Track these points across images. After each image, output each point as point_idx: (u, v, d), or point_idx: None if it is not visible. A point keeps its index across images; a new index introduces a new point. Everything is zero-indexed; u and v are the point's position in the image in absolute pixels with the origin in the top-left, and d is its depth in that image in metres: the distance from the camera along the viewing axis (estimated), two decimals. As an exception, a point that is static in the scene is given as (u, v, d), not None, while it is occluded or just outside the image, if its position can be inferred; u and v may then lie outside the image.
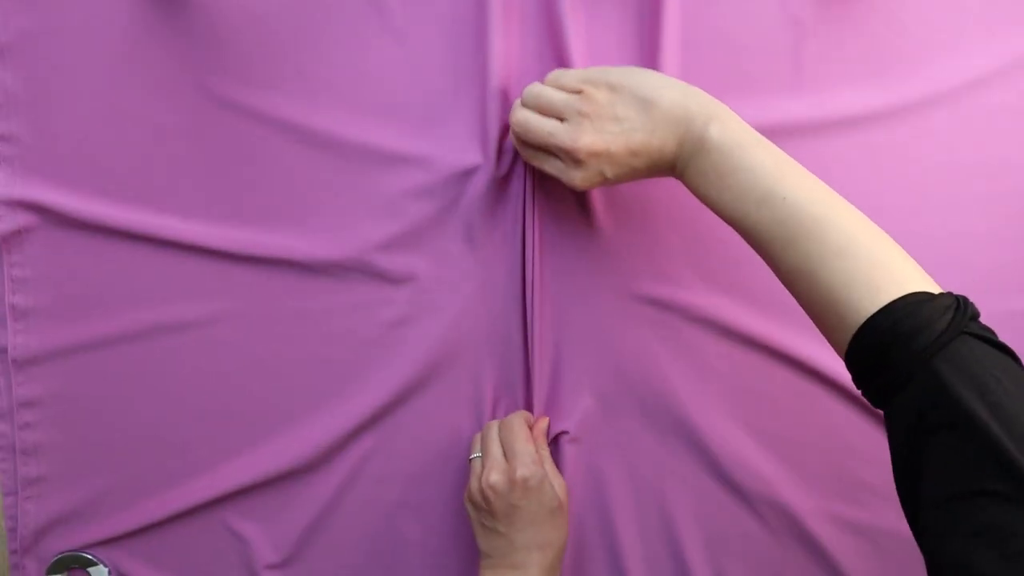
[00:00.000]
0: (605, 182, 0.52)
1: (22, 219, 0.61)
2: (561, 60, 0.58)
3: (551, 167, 0.53)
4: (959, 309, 0.42)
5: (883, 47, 0.58)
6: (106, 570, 0.65)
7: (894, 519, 0.62)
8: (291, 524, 0.65)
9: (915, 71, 0.59)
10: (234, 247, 0.61)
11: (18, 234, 0.61)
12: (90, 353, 0.63)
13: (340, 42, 0.59)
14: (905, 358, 0.42)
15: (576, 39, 0.58)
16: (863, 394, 0.46)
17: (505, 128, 0.58)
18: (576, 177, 0.52)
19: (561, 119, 0.51)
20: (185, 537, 0.65)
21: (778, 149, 0.49)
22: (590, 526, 0.64)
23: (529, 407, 0.63)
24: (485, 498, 0.56)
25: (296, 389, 0.63)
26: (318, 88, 0.60)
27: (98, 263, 0.62)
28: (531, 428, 0.61)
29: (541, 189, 0.60)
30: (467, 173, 0.60)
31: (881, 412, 0.45)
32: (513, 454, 0.57)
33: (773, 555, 0.64)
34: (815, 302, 0.47)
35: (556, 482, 0.59)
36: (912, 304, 0.43)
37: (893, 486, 0.44)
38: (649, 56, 0.58)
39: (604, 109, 0.50)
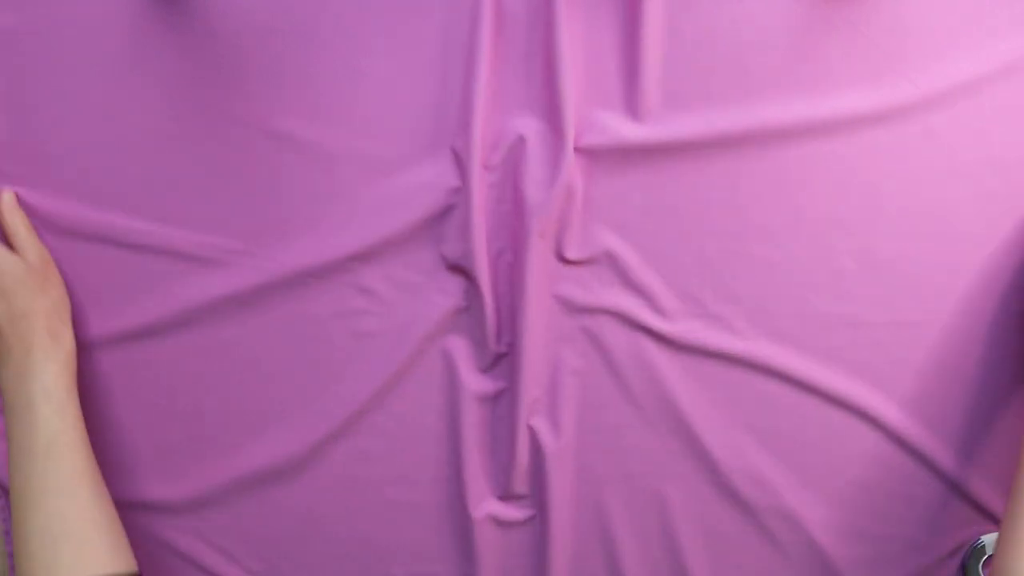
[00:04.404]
0: None
1: None
2: (549, 66, 0.58)
3: None
4: None
5: (884, 47, 0.59)
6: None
7: (896, 525, 0.62)
8: (272, 530, 0.65)
9: (916, 71, 0.59)
10: (219, 254, 0.61)
11: None
12: (81, 357, 0.62)
13: (330, 50, 0.58)
14: None
15: (567, 48, 0.57)
16: None
17: (489, 142, 0.59)
18: None
19: None
20: (168, 542, 0.65)
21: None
22: (587, 530, 0.64)
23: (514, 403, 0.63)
24: None
25: (273, 395, 0.63)
26: (307, 96, 0.59)
27: (83, 268, 0.61)
28: None
29: (523, 204, 0.59)
30: (450, 185, 0.59)
31: (880, 416, 0.44)
32: None
33: (773, 561, 0.64)
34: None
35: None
36: None
37: (894, 491, 0.43)
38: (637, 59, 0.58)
39: None
